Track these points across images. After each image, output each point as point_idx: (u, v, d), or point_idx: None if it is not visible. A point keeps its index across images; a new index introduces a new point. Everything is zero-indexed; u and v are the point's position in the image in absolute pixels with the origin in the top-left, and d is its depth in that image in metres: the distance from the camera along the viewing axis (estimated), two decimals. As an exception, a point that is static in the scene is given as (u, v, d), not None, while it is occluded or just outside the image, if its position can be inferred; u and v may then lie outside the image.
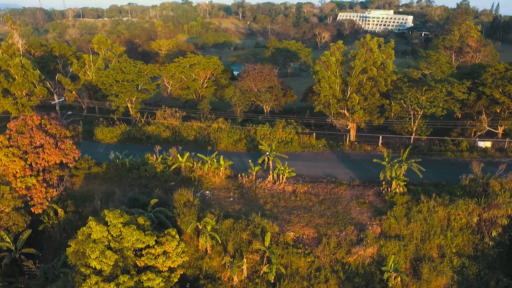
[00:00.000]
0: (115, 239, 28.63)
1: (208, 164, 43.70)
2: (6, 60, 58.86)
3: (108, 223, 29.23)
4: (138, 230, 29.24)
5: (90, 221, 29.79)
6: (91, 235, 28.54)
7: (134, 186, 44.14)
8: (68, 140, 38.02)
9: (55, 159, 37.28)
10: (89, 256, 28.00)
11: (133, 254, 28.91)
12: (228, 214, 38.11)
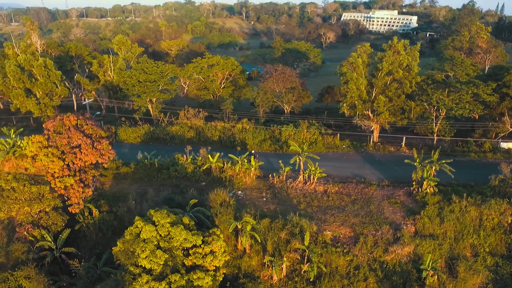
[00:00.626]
0: (163, 239, 29.08)
1: (239, 165, 44.16)
2: (30, 61, 59.18)
3: (155, 223, 29.68)
4: (185, 230, 29.70)
5: (137, 221, 30.25)
6: (140, 235, 28.97)
7: (165, 186, 44.55)
8: (104, 141, 38.44)
9: (91, 159, 37.70)
10: (138, 256, 28.45)
11: (182, 253, 29.35)
12: (263, 214, 38.57)
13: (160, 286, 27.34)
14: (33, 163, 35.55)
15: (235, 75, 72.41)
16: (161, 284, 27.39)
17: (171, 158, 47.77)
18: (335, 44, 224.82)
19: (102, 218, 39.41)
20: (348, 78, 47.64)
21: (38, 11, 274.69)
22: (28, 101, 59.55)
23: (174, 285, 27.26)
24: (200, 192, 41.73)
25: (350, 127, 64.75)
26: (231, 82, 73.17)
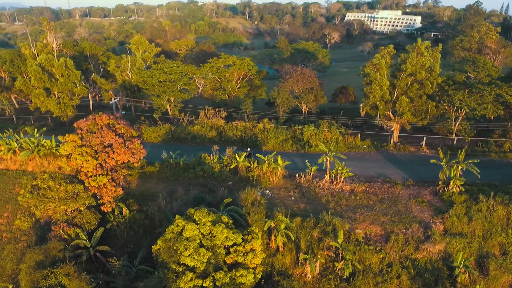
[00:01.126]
0: (206, 237, 29.52)
1: (266, 164, 44.63)
2: (51, 60, 59.55)
3: (197, 221, 30.12)
4: (226, 228, 30.17)
5: (177, 220, 30.69)
6: (183, 233, 29.39)
7: (192, 185, 44.96)
8: (136, 140, 38.90)
9: (124, 158, 38.15)
10: (181, 254, 28.88)
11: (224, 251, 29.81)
12: (294, 212, 39.07)
13: (205, 283, 27.77)
14: (68, 162, 35.93)
15: (251, 75, 72.87)
16: (206, 281, 27.83)
17: (196, 157, 48.19)
18: (339, 44, 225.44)
19: (133, 217, 39.81)
20: (372, 78, 48.16)
21: (42, 11, 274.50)
22: (48, 101, 59.90)
23: (219, 282, 27.70)
24: (229, 191, 42.20)
25: (367, 127, 65.31)
26: (247, 82, 73.65)
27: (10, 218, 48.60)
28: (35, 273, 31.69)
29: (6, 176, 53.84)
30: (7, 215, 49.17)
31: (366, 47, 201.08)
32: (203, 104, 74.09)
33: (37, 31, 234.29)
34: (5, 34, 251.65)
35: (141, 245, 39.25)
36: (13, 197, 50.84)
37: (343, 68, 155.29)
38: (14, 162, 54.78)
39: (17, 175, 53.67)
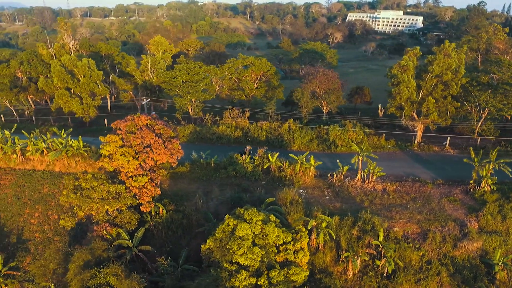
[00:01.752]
0: (258, 236, 30.04)
1: (298, 164, 45.20)
2: (74, 61, 59.74)
3: (248, 220, 30.63)
4: (277, 227, 30.70)
5: (228, 219, 31.20)
6: (235, 233, 29.87)
7: (225, 185, 45.43)
8: (175, 141, 39.33)
9: (163, 158, 38.59)
10: (234, 253, 29.37)
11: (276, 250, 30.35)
12: (331, 211, 39.69)
13: (260, 281, 28.29)
14: (110, 162, 36.30)
15: (269, 75, 73.43)
16: (260, 279, 28.35)
17: (225, 157, 48.66)
18: (342, 44, 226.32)
19: (170, 217, 40.21)
20: (400, 80, 48.86)
21: (42, 11, 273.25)
22: (71, 101, 60.11)
23: (273, 280, 28.23)
24: (265, 191, 42.74)
25: (387, 126, 66.05)
26: (265, 82, 74.18)
27: (41, 218, 48.85)
28: (84, 272, 32.05)
29: (33, 176, 54.00)
30: (38, 215, 49.42)
31: (369, 47, 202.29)
32: (220, 104, 74.55)
33: (38, 31, 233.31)
34: (6, 34, 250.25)
35: (180, 245, 39.72)
36: (42, 198, 51.10)
37: (349, 69, 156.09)
38: (40, 163, 54.94)
39: (45, 176, 53.85)
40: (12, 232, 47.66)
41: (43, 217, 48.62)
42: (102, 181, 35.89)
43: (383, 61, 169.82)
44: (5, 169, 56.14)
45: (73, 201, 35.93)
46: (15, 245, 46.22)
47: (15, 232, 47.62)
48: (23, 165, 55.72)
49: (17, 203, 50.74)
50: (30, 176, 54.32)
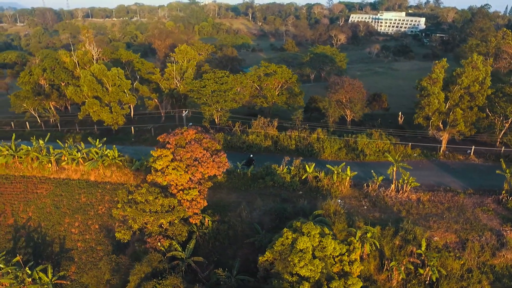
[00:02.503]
0: (317, 248, 31.70)
1: (335, 174, 46.91)
2: (104, 71, 60.99)
3: (307, 234, 32.26)
4: (334, 240, 32.38)
5: (286, 232, 32.81)
6: (296, 245, 31.48)
7: (264, 195, 47.00)
8: (222, 154, 40.84)
9: (211, 172, 40.11)
10: (294, 265, 31.00)
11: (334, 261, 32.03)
12: (371, 221, 41.43)
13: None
14: (163, 176, 37.75)
15: (291, 83, 75.07)
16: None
17: (262, 167, 50.23)
18: (345, 45, 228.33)
19: (217, 228, 41.74)
20: (430, 92, 50.71)
21: (44, 12, 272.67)
22: (102, 110, 61.38)
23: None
24: (306, 201, 44.41)
25: (409, 135, 67.87)
26: (286, 89, 75.83)
27: (82, 228, 50.18)
28: (144, 284, 33.52)
29: (69, 185, 55.25)
30: (78, 224, 50.74)
31: (373, 49, 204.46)
32: (241, 111, 76.05)
33: (40, 33, 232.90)
34: (8, 35, 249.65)
35: (226, 255, 41.29)
36: (81, 207, 52.40)
37: (357, 71, 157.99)
38: (75, 172, 56.22)
39: (81, 185, 55.11)
40: (55, 241, 48.97)
41: (83, 227, 49.95)
42: (156, 195, 37.32)
43: (389, 64, 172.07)
44: (40, 178, 57.37)
45: (129, 214, 37.28)
46: (59, 254, 47.53)
47: (57, 241, 48.93)
48: (57, 174, 56.98)
49: (56, 213, 52.04)
50: (66, 185, 55.58)
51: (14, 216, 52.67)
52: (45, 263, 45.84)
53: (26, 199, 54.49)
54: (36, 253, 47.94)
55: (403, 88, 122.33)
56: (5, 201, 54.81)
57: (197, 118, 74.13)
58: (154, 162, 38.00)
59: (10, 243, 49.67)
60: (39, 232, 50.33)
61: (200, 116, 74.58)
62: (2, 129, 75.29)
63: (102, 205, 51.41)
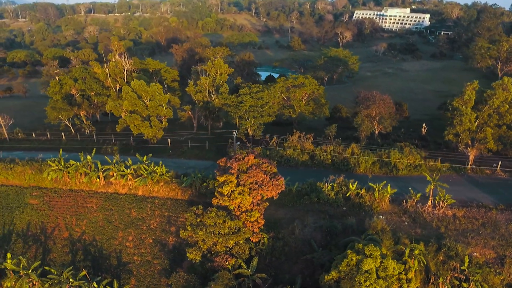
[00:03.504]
0: (379, 269, 35.62)
1: (376, 191, 50.78)
2: (144, 86, 63.96)
3: (369, 255, 36.11)
4: (393, 260, 36.30)
5: (350, 254, 36.65)
6: (361, 266, 35.36)
7: (311, 211, 50.81)
8: (280, 177, 44.45)
9: (270, 194, 43.76)
10: (360, 284, 34.92)
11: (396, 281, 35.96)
12: (414, 237, 45.39)
13: (386, 309, 33.92)
14: (230, 201, 41.31)
15: (317, 94, 78.56)
16: (386, 308, 33.97)
17: (306, 184, 53.86)
18: (351, 43, 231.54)
19: (272, 245, 45.52)
20: (463, 113, 54.56)
21: (46, 7, 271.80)
22: (142, 125, 64.52)
23: (399, 309, 33.88)
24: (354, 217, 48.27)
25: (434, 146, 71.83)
26: (312, 100, 79.37)
27: (136, 242, 53.65)
28: (220, 301, 37.29)
29: (118, 200, 58.59)
30: (132, 238, 54.21)
31: (380, 47, 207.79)
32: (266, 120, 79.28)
33: (43, 29, 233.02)
34: (11, 31, 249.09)
35: (283, 270, 45.18)
36: (132, 222, 55.80)
37: (367, 72, 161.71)
38: (122, 186, 59.53)
39: (129, 199, 58.46)
40: (111, 255, 52.42)
41: (137, 241, 53.40)
42: (223, 218, 40.89)
43: (398, 64, 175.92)
44: (88, 192, 60.61)
45: (200, 237, 40.79)
46: (117, 267, 51.03)
47: (113, 255, 52.38)
48: (105, 188, 60.26)
49: (109, 227, 55.42)
50: (114, 200, 58.85)
51: (68, 229, 56.02)
52: (105, 276, 49.52)
53: (77, 213, 57.80)
54: (95, 266, 51.39)
55: (415, 92, 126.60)
56: (58, 214, 58.12)
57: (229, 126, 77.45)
58: (220, 187, 41.47)
59: (69, 256, 53.10)
60: (95, 246, 53.76)
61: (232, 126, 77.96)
62: (38, 139, 77.97)
63: (153, 220, 54.95)
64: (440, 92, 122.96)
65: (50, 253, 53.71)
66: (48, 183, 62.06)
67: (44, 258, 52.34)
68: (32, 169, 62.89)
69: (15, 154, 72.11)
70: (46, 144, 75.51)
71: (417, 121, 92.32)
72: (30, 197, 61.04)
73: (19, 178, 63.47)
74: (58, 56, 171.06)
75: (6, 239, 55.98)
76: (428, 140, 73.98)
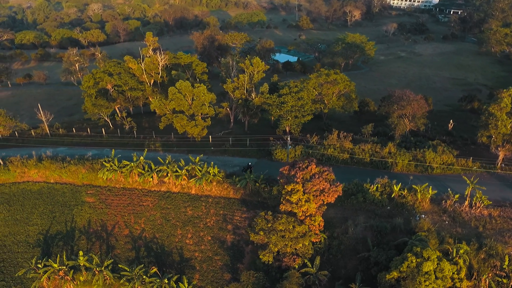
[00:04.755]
0: (436, 270, 41.30)
1: (419, 193, 56.12)
2: (189, 87, 67.54)
3: (426, 258, 41.68)
4: (447, 262, 41.98)
5: (410, 257, 42.23)
6: (422, 268, 40.98)
7: (358, 211, 56.24)
8: (339, 184, 49.38)
9: (330, 199, 48.86)
10: (420, 283, 40.66)
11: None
12: (455, 236, 51.09)
13: (444, 305, 39.86)
14: (298, 208, 46.37)
15: (349, 90, 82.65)
16: (445, 304, 39.91)
17: (352, 184, 58.91)
18: (360, 22, 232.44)
19: (329, 243, 51.08)
20: (499, 119, 59.34)
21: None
22: (188, 124, 68.61)
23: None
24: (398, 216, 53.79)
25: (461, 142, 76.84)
26: (343, 95, 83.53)
27: (195, 239, 58.84)
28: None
29: (172, 198, 63.40)
30: (191, 236, 59.40)
31: (390, 28, 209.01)
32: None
33: (44, 6, 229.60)
34: (10, 8, 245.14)
35: (338, 266, 50.95)
36: (189, 220, 60.80)
37: (380, 56, 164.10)
38: (175, 185, 64.17)
39: (183, 198, 63.31)
40: (173, 252, 57.65)
41: (196, 238, 58.59)
42: (293, 224, 46.07)
43: (410, 47, 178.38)
44: (141, 190, 65.24)
45: (272, 240, 46.03)
46: (180, 263, 56.36)
47: (175, 252, 57.64)
48: (158, 187, 64.93)
49: (167, 224, 60.43)
50: (169, 198, 63.62)
51: (127, 227, 60.97)
52: (170, 271, 55.04)
53: (134, 211, 62.62)
54: (159, 263, 56.65)
55: (433, 80, 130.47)
56: (115, 212, 62.93)
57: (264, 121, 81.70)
58: (288, 195, 46.44)
59: (132, 252, 58.29)
60: (156, 243, 58.91)
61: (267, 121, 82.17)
62: (78, 134, 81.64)
63: (210, 218, 60.05)
64: (457, 79, 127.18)
65: (113, 249, 58.82)
66: (101, 182, 66.49)
67: (108, 254, 57.33)
68: (85, 168, 67.10)
69: (59, 151, 76.03)
70: (87, 140, 79.36)
71: (440, 113, 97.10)
72: (86, 195, 65.64)
73: (73, 176, 67.77)
74: (67, 38, 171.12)
75: (70, 236, 60.90)
76: (455, 136, 79.01)
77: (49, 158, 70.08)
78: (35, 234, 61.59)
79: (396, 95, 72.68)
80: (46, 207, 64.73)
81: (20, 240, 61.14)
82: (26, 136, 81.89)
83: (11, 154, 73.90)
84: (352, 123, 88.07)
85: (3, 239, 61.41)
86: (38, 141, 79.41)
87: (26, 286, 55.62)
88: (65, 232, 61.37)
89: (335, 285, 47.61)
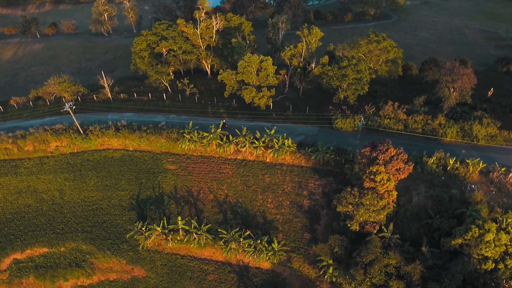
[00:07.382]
0: (495, 239, 54.61)
1: (470, 166, 68.12)
2: (256, 60, 74.90)
3: (487, 230, 54.68)
4: (502, 231, 55.30)
5: (474, 228, 55.21)
6: (484, 238, 54.16)
7: (417, 180, 68.27)
8: (411, 163, 60.56)
9: (403, 176, 60.47)
10: (481, 249, 54.17)
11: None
12: (502, 205, 64.09)
13: (498, 266, 53.87)
14: (381, 185, 57.91)
15: (397, 57, 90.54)
16: (499, 265, 53.88)
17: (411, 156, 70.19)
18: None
19: (396, 211, 63.75)
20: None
21: None
22: (257, 95, 77.25)
23: (509, 266, 53.79)
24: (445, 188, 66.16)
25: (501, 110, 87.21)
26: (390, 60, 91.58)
27: (275, 204, 70.61)
28: (379, 256, 56.35)
29: (249, 166, 74.06)
30: (271, 200, 71.09)
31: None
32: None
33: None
34: None
35: (405, 230, 64.09)
36: (268, 186, 72.04)
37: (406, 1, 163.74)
38: (250, 154, 74.44)
39: (259, 166, 74.09)
40: (256, 215, 69.66)
41: (276, 203, 70.38)
42: (376, 198, 57.95)
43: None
44: (218, 158, 75.44)
45: (359, 213, 58.18)
46: (264, 225, 68.73)
47: (258, 215, 69.67)
48: (234, 156, 75.14)
49: (248, 190, 71.72)
50: (246, 166, 74.20)
51: (212, 193, 72.17)
52: (256, 231, 67.58)
53: (216, 178, 73.39)
54: (245, 224, 68.88)
55: (464, 33, 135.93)
56: (198, 179, 73.65)
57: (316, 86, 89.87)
58: (373, 175, 57.64)
59: (220, 215, 70.10)
60: (240, 207, 70.66)
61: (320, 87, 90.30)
62: (140, 99, 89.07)
63: (286, 185, 71.53)
64: (488, 32, 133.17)
65: (202, 212, 70.61)
66: (179, 150, 76.19)
67: (203, 219, 68.96)
68: (163, 137, 76.28)
69: (126, 117, 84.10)
70: (150, 105, 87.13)
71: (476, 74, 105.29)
72: (167, 163, 75.73)
73: (151, 144, 77.10)
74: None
75: (159, 200, 72.04)
76: (493, 103, 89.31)
77: (125, 128, 78.54)
78: (127, 198, 72.49)
79: (447, 66, 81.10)
80: (131, 174, 74.94)
81: (114, 204, 72.13)
82: (88, 101, 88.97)
83: (81, 121, 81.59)
84: (395, 86, 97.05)
85: (99, 203, 72.39)
86: (102, 107, 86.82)
87: (131, 243, 67.85)
88: (154, 197, 72.35)
89: (404, 246, 61.00)
